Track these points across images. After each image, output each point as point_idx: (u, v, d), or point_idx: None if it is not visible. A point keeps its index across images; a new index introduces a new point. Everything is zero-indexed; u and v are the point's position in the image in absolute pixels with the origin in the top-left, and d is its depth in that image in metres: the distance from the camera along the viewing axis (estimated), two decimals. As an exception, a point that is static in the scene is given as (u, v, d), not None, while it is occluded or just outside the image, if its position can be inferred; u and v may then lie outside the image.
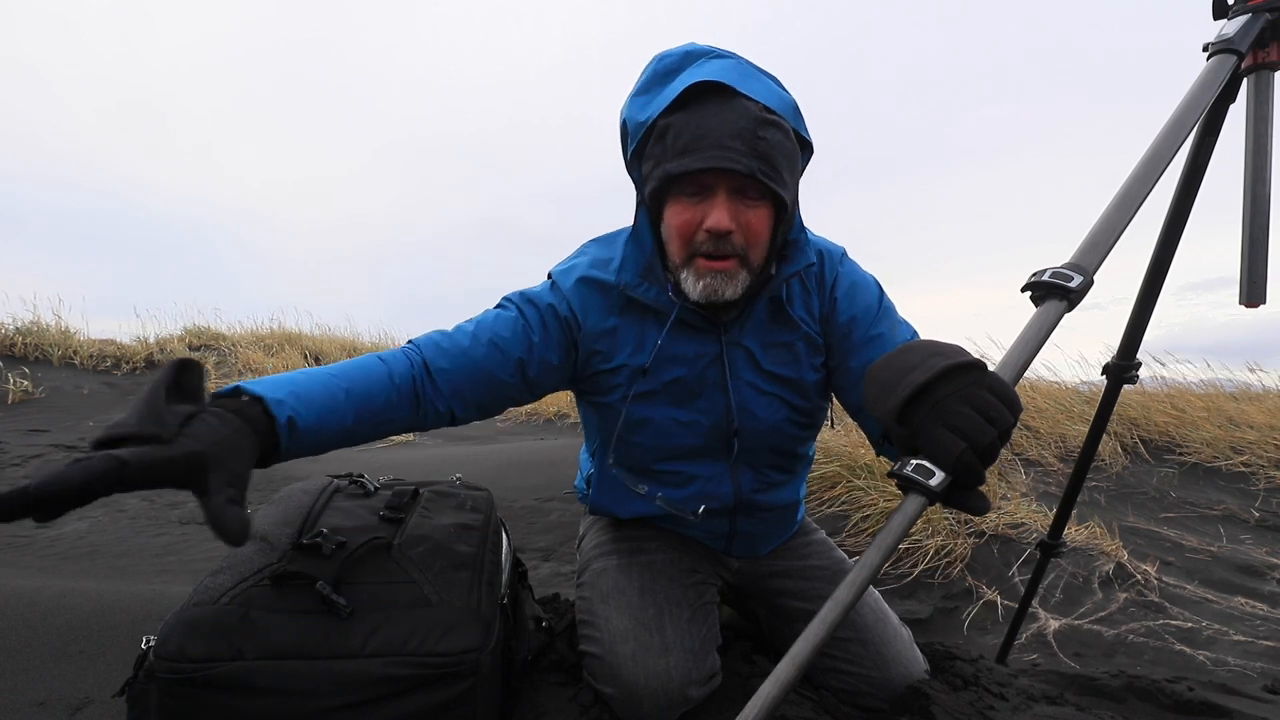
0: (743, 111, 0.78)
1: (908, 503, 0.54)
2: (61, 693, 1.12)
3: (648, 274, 0.92)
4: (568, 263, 1.00)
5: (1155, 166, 0.69)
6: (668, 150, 0.80)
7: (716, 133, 0.77)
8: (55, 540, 2.06)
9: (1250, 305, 0.77)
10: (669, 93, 0.81)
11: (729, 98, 0.79)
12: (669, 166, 0.80)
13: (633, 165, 0.90)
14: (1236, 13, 0.78)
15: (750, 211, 0.82)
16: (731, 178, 0.80)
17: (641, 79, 0.86)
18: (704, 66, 0.82)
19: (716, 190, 0.81)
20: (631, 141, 0.87)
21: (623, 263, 0.94)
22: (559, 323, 0.95)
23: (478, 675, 0.82)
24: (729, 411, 0.97)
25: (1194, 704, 1.08)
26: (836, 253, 1.01)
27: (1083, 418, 3.24)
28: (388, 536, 0.93)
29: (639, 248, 0.93)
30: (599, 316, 0.95)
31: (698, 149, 0.78)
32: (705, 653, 0.99)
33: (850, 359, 0.97)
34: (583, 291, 0.95)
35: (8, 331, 5.19)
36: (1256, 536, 2.26)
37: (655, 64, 0.86)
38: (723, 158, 0.77)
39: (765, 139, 0.78)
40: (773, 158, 0.79)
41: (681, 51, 0.85)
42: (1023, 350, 0.60)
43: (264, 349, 6.20)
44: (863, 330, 0.96)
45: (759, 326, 0.96)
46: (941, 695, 0.98)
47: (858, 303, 0.97)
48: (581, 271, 0.96)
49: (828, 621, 0.51)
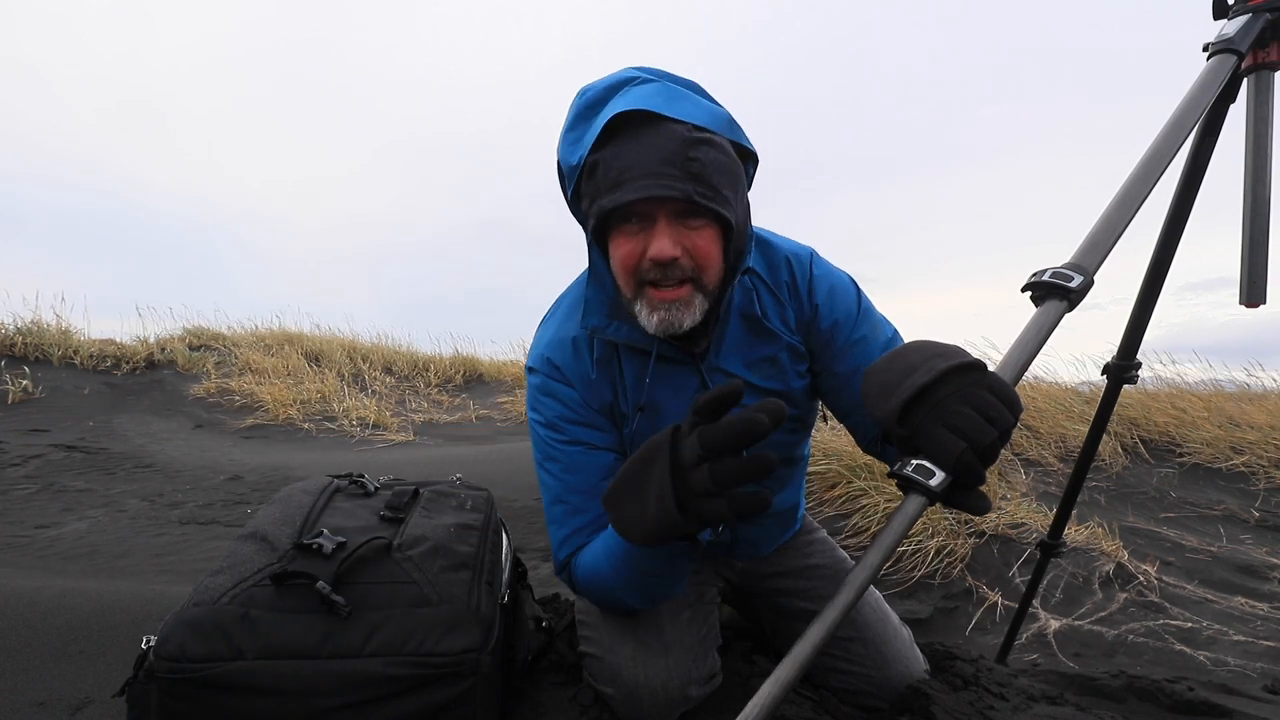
0: (670, 135, 0.75)
1: (908, 503, 0.54)
2: (61, 693, 1.12)
3: (615, 312, 0.90)
4: (536, 344, 0.99)
5: (1155, 166, 0.69)
6: (600, 186, 0.78)
7: (645, 161, 0.75)
8: (55, 540, 2.06)
9: (1250, 305, 0.77)
10: (594, 127, 0.79)
11: (655, 124, 0.76)
12: (604, 202, 0.78)
13: (574, 205, 0.88)
14: (1236, 13, 0.78)
15: (695, 234, 0.80)
16: (669, 204, 0.78)
17: (569, 117, 0.84)
18: (626, 95, 0.79)
19: (656, 218, 0.79)
20: (569, 182, 0.85)
21: (586, 306, 0.92)
22: (581, 406, 0.94)
23: (478, 675, 0.82)
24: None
25: (1194, 704, 1.08)
26: (805, 255, 0.98)
27: (1083, 418, 3.24)
28: (388, 536, 0.93)
29: (599, 288, 0.90)
30: (584, 374, 0.94)
31: (629, 180, 0.76)
32: (705, 652, 0.99)
33: (835, 364, 0.96)
34: (566, 362, 0.94)
35: (8, 331, 5.18)
36: (1256, 536, 2.26)
37: (579, 99, 0.83)
38: (655, 186, 0.75)
39: (698, 159, 0.75)
40: (707, 177, 0.76)
41: (604, 84, 0.83)
42: (1023, 350, 0.60)
43: (264, 349, 6.20)
44: (846, 334, 0.95)
45: (737, 345, 0.95)
46: (941, 695, 0.98)
47: (839, 306, 0.96)
48: (549, 344, 0.96)
49: (828, 622, 0.51)
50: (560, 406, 0.94)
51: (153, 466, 3.16)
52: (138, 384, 5.07)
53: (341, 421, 4.50)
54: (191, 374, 5.40)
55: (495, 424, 4.81)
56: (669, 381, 0.93)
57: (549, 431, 0.94)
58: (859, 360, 0.94)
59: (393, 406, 5.19)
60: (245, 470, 3.11)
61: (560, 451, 0.93)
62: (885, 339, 0.96)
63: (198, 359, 5.68)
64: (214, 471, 3.08)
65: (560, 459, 0.93)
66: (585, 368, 0.94)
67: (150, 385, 5.07)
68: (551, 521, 0.95)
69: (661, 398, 0.93)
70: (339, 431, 4.33)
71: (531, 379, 0.97)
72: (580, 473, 0.92)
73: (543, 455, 0.95)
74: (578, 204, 0.86)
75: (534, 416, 0.97)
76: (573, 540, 0.92)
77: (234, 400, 4.81)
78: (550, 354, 0.95)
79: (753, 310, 0.94)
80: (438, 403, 5.56)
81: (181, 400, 4.84)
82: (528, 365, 0.99)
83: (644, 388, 0.92)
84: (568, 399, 0.94)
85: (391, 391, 5.72)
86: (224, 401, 4.81)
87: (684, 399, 0.94)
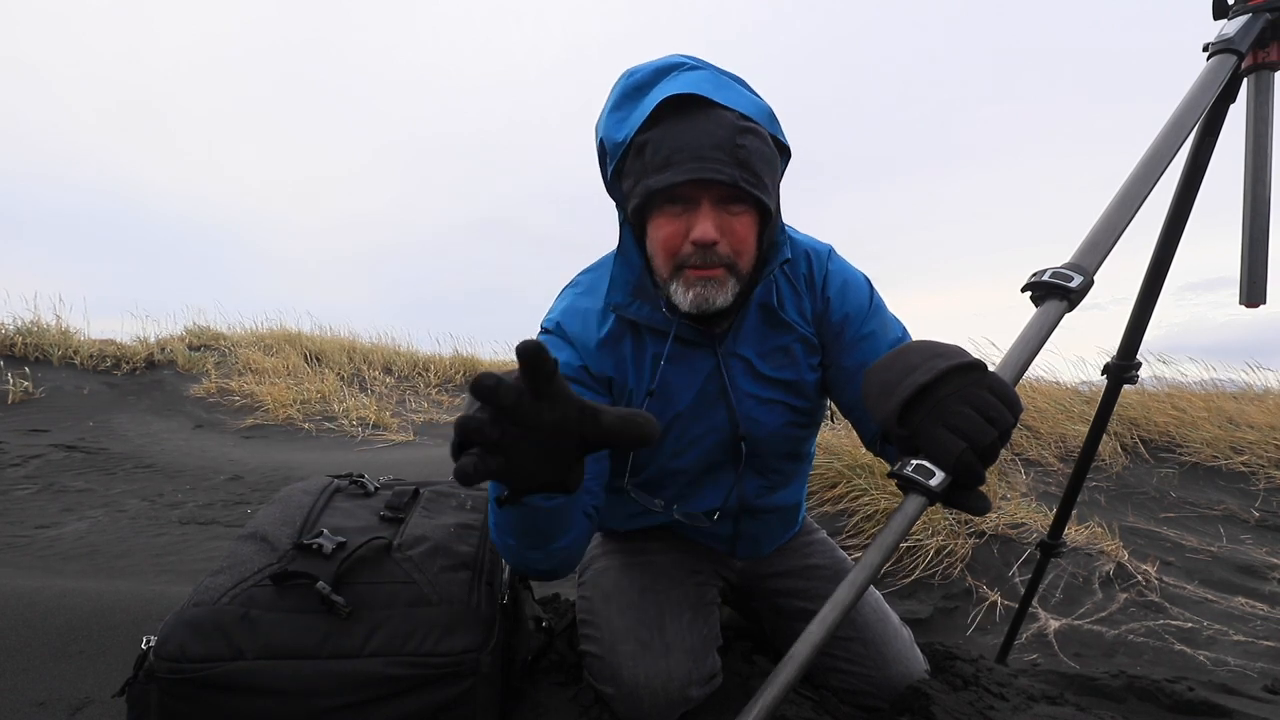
0: (720, 121, 0.77)
1: (908, 503, 0.54)
2: (61, 693, 1.12)
3: (639, 292, 0.91)
4: (553, 309, 0.99)
5: (1155, 166, 0.69)
6: (647, 166, 0.79)
7: (696, 145, 0.77)
8: (55, 540, 2.06)
9: (1250, 305, 0.77)
10: (644, 108, 0.80)
11: (705, 109, 0.78)
12: (650, 182, 0.79)
13: (613, 185, 0.88)
14: (1236, 13, 0.78)
15: (735, 220, 0.82)
16: (714, 188, 0.79)
17: (613, 96, 0.85)
18: (677, 79, 0.80)
19: (700, 202, 0.80)
20: (611, 160, 0.85)
21: (611, 284, 0.93)
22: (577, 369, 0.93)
23: (478, 675, 0.82)
24: (734, 422, 0.97)
25: (1194, 704, 1.08)
26: (824, 251, 1.00)
27: (1083, 418, 3.24)
28: (388, 536, 0.93)
29: (627, 266, 0.91)
30: (597, 347, 0.94)
31: (678, 162, 0.77)
32: (706, 653, 0.99)
33: (843, 358, 0.97)
34: (575, 329, 0.94)
35: (8, 331, 5.19)
36: (1256, 536, 2.26)
37: (625, 80, 0.84)
38: (704, 169, 0.76)
39: (745, 147, 0.77)
40: (753, 165, 0.78)
41: (652, 67, 0.84)
42: (1023, 350, 0.60)
43: (264, 349, 6.20)
44: (855, 329, 0.96)
45: (753, 334, 0.96)
46: (941, 695, 0.98)
47: (850, 301, 0.97)
48: (564, 311, 0.96)
49: (827, 622, 0.51)
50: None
51: (153, 466, 3.16)
52: (138, 384, 5.07)
53: (341, 421, 4.50)
54: (191, 374, 5.40)
55: (495, 424, 4.81)
56: (684, 364, 0.94)
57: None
58: (866, 355, 0.95)
59: (393, 406, 5.19)
60: (245, 470, 3.11)
61: None
62: (894, 337, 0.97)
63: (198, 359, 5.68)
64: (214, 471, 3.08)
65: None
66: (593, 338, 0.94)
67: (150, 385, 5.07)
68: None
69: (674, 380, 0.94)
70: (339, 431, 4.33)
71: (541, 338, 0.97)
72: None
73: None
74: (617, 183, 0.87)
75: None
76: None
77: (234, 400, 4.81)
78: (563, 319, 0.96)
79: (770, 300, 0.94)
80: (438, 403, 5.56)
81: (181, 400, 4.84)
82: (541, 327, 0.99)
83: (659, 369, 0.92)
84: (566, 358, 0.93)
85: (391, 391, 5.72)
86: (224, 401, 4.81)
87: (695, 383, 0.94)
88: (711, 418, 0.96)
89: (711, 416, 0.96)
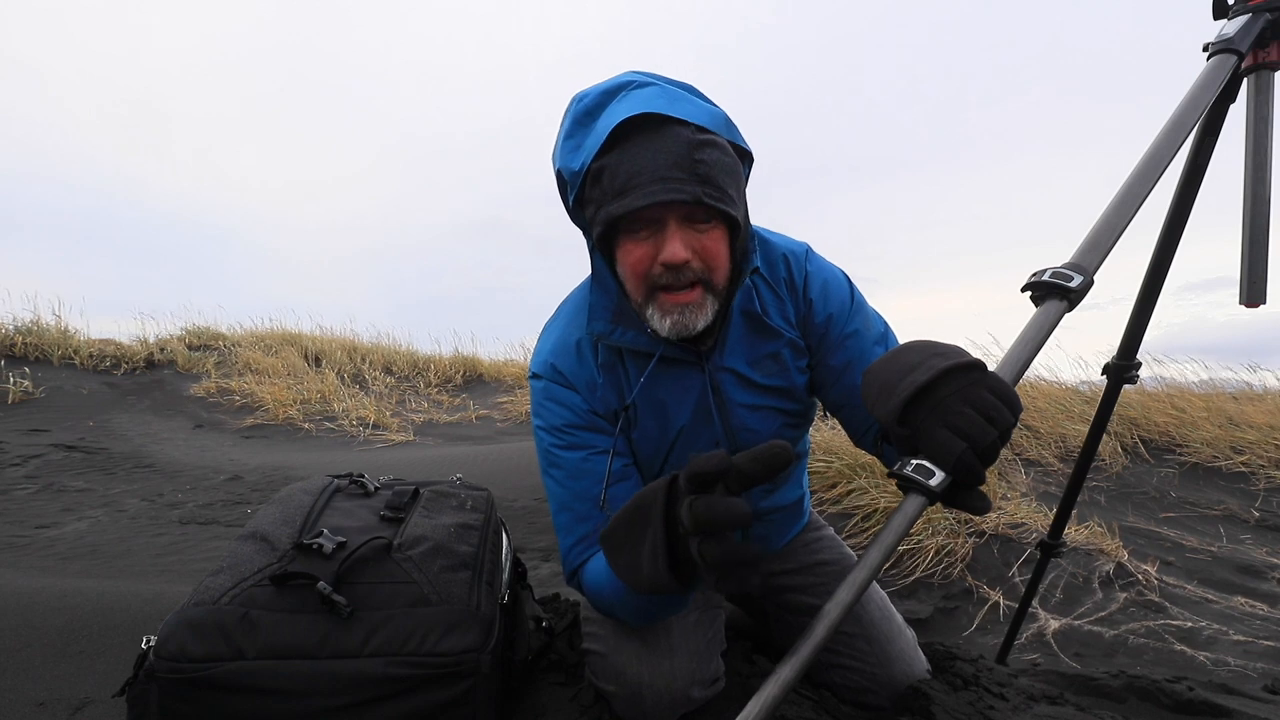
0: (676, 138, 0.75)
1: (908, 503, 0.54)
2: (61, 693, 1.12)
3: (620, 317, 0.89)
4: (540, 348, 0.99)
5: (1155, 166, 0.69)
6: (607, 192, 0.77)
7: (654, 166, 0.74)
8: (55, 540, 2.06)
9: (1250, 305, 0.77)
10: (598, 133, 0.78)
11: (660, 126, 0.75)
12: (611, 208, 0.77)
13: (576, 213, 0.87)
14: (1236, 13, 0.78)
15: (704, 236, 0.80)
16: (678, 207, 0.77)
17: (564, 124, 0.83)
18: (627, 100, 0.78)
19: (666, 222, 0.78)
20: (571, 190, 0.84)
21: (591, 312, 0.91)
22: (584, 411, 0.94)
23: (478, 675, 0.82)
24: (730, 435, 0.97)
25: (1194, 704, 1.08)
26: (800, 252, 0.99)
27: (1083, 418, 3.24)
28: (388, 536, 0.93)
29: (604, 293, 0.90)
30: (589, 378, 0.94)
31: (638, 185, 0.75)
32: (710, 655, 0.99)
33: (829, 357, 0.96)
34: (570, 367, 0.94)
35: (8, 331, 5.19)
36: (1256, 536, 2.26)
37: (575, 105, 0.82)
38: (665, 190, 0.74)
39: (704, 161, 0.75)
40: (715, 178, 0.76)
41: (600, 90, 0.81)
42: (1023, 350, 0.60)
43: (264, 349, 6.21)
44: (839, 328, 0.96)
45: (740, 343, 0.95)
46: (942, 695, 0.98)
47: (832, 301, 0.96)
48: (554, 350, 0.95)
49: (829, 620, 0.51)
50: (564, 411, 0.94)
51: (153, 466, 3.16)
52: (138, 384, 5.07)
53: (341, 421, 4.51)
54: (191, 374, 5.41)
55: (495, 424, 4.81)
56: (675, 382, 0.93)
57: (552, 437, 0.94)
58: (851, 354, 0.95)
59: (393, 406, 5.19)
60: (245, 470, 3.11)
61: (563, 458, 0.93)
62: (878, 333, 0.97)
63: (198, 359, 5.68)
64: (214, 471, 3.09)
65: (563, 465, 0.93)
66: (590, 372, 0.94)
67: (150, 385, 5.08)
68: (558, 529, 0.95)
69: (668, 397, 0.94)
70: (339, 431, 4.33)
71: (535, 385, 0.97)
72: (584, 479, 0.92)
73: (547, 462, 0.95)
74: (580, 211, 0.85)
75: (538, 422, 0.96)
76: (579, 549, 0.92)
77: (234, 400, 4.81)
78: (554, 359, 0.95)
79: (753, 308, 0.94)
80: (438, 403, 5.56)
81: (181, 400, 4.84)
82: (531, 371, 0.98)
83: (638, 388, 0.92)
84: (571, 403, 0.94)
85: (391, 391, 5.72)
86: (224, 401, 4.82)
87: (690, 399, 0.94)
88: (710, 431, 0.96)
89: (710, 430, 0.96)
